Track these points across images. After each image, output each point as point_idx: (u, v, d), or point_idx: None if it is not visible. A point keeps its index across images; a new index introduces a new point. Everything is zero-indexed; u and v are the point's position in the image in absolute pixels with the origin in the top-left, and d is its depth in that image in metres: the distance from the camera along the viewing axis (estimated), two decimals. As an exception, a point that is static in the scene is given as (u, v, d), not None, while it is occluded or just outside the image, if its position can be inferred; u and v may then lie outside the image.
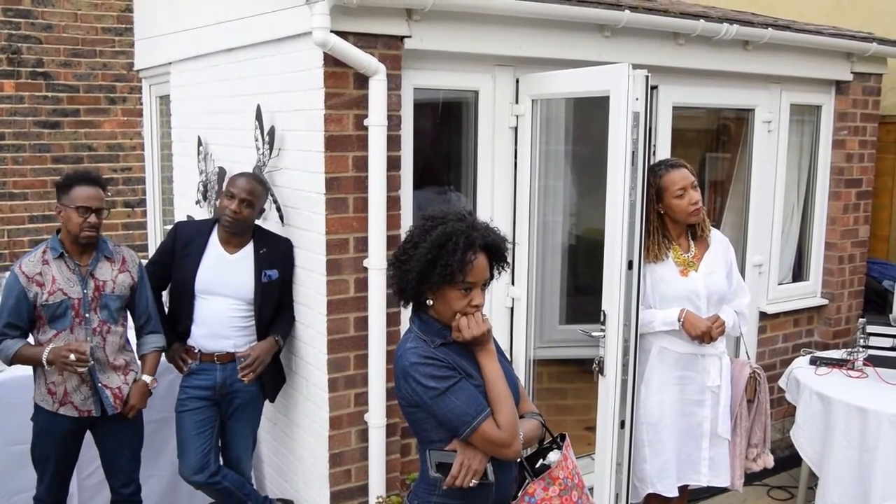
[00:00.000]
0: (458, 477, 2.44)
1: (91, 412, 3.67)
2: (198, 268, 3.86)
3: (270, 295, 3.91)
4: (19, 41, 6.10)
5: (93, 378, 3.63)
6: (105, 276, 3.68)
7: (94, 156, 6.38)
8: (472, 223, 2.49)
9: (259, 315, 3.90)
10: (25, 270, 3.57)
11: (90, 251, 3.67)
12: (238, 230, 3.85)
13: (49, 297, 3.55)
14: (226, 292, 3.86)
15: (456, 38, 3.94)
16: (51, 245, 3.64)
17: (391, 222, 3.81)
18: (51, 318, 3.58)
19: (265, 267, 3.88)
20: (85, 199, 3.57)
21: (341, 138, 3.70)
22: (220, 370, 3.89)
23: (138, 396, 3.76)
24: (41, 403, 3.67)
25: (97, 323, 3.64)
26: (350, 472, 3.96)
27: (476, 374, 2.50)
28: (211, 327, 3.87)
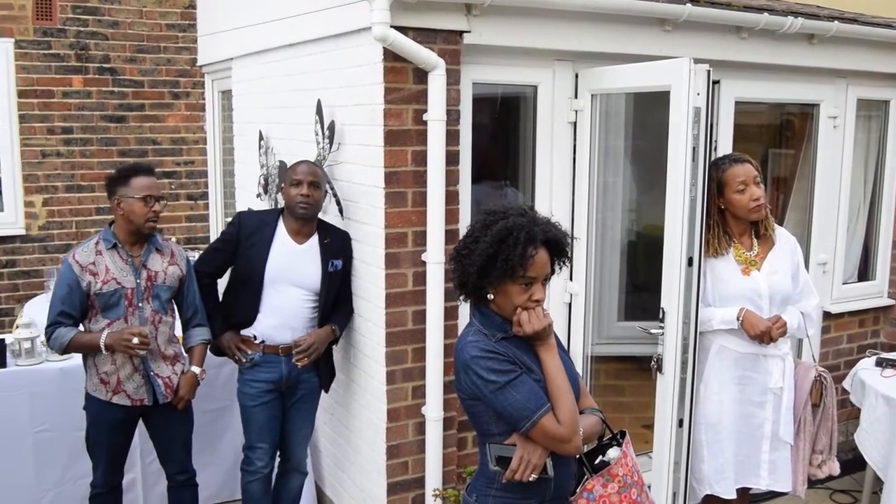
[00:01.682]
0: (518, 471, 2.44)
1: (143, 401, 3.73)
2: (267, 258, 3.87)
3: (334, 285, 3.95)
4: (87, 37, 6.24)
5: (145, 367, 3.70)
6: (157, 267, 3.74)
7: (158, 149, 6.51)
8: (533, 218, 2.48)
9: (323, 305, 3.93)
10: (79, 260, 3.63)
11: (142, 243, 3.73)
12: (312, 214, 3.88)
13: (103, 285, 3.61)
14: (296, 282, 3.89)
15: (515, 33, 3.93)
16: (103, 236, 3.71)
17: (449, 217, 3.82)
18: (104, 308, 3.65)
19: (331, 256, 3.92)
20: (147, 188, 3.64)
21: (400, 133, 3.72)
22: (284, 362, 3.92)
23: (188, 387, 3.82)
24: (94, 393, 3.74)
25: (149, 312, 3.71)
26: (407, 464, 3.99)
27: (536, 369, 2.50)
28: (282, 318, 3.89)
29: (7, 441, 4.23)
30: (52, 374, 4.28)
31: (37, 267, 6.18)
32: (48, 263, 6.14)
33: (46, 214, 6.24)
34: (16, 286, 6.19)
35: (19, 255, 6.20)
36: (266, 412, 3.97)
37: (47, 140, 6.19)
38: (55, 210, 6.26)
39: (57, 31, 6.14)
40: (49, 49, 6.13)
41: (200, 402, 3.99)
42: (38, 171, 6.19)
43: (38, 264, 6.18)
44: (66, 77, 6.20)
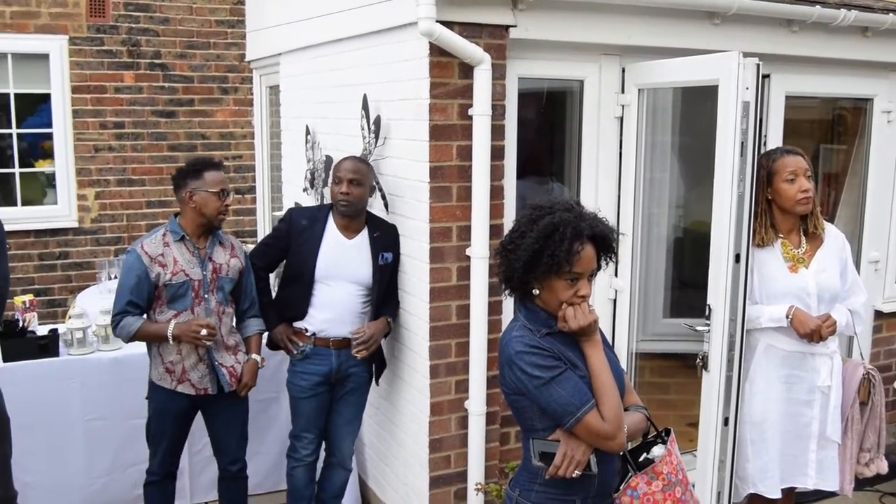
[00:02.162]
0: (561, 467, 2.44)
1: (207, 390, 3.79)
2: (317, 254, 3.91)
3: (385, 277, 3.98)
4: (139, 34, 6.36)
5: (210, 357, 3.77)
6: (221, 260, 3.80)
7: (207, 144, 6.61)
8: (579, 213, 2.47)
9: (375, 298, 3.96)
10: (148, 251, 3.69)
11: (207, 235, 3.80)
12: (354, 211, 3.90)
13: (172, 277, 3.68)
14: (348, 278, 3.92)
15: (561, 27, 3.91)
16: (170, 228, 3.77)
17: (494, 212, 3.82)
18: (171, 299, 3.71)
19: (381, 249, 3.94)
20: (220, 182, 3.73)
21: (446, 127, 3.73)
22: (335, 355, 3.95)
23: (251, 374, 3.88)
24: (159, 382, 3.80)
25: (214, 304, 3.77)
26: (449, 458, 4.00)
27: (581, 365, 2.49)
28: (334, 312, 3.93)
29: (59, 429, 4.33)
30: (103, 364, 4.37)
31: (89, 259, 6.32)
32: (100, 255, 6.28)
33: (98, 207, 6.38)
34: (68, 277, 6.34)
35: (72, 247, 6.34)
36: (314, 403, 4.02)
37: (100, 135, 6.33)
38: (107, 203, 6.40)
39: (110, 27, 6.27)
40: (102, 45, 6.26)
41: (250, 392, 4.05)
42: (90, 165, 6.33)
43: (90, 256, 6.32)
44: (118, 73, 6.33)
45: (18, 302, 4.68)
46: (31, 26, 6.07)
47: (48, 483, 4.34)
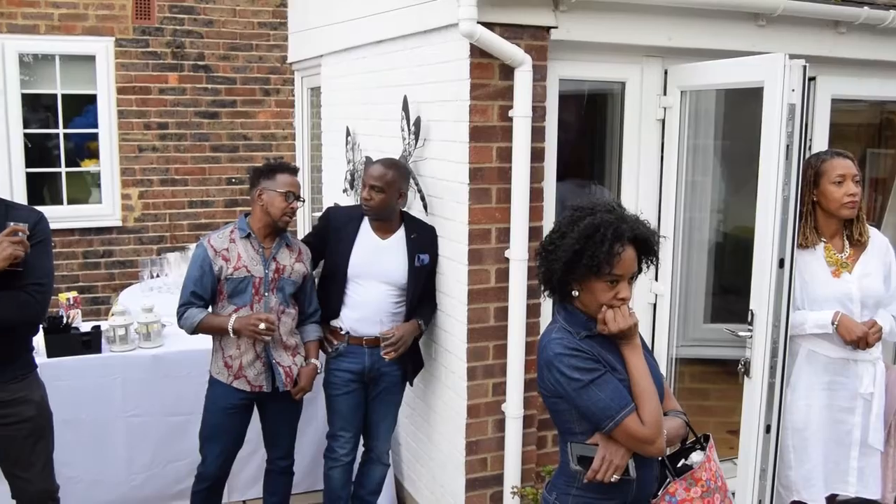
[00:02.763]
0: (600, 471, 2.42)
1: (262, 388, 3.83)
2: (350, 253, 3.94)
3: (421, 279, 3.98)
4: (183, 36, 6.44)
5: (268, 354, 3.80)
6: (285, 262, 3.84)
7: (249, 145, 6.67)
8: (621, 215, 2.45)
9: (409, 299, 3.96)
10: (214, 244, 3.77)
11: (274, 236, 3.84)
12: (374, 216, 3.92)
13: (234, 271, 3.74)
14: (379, 277, 3.93)
15: (603, 29, 3.89)
16: (238, 226, 3.84)
17: (534, 214, 3.81)
18: (231, 293, 3.77)
19: (417, 251, 3.95)
20: (290, 184, 3.78)
21: (486, 129, 3.72)
22: (368, 354, 3.97)
23: (308, 379, 3.91)
24: (217, 376, 3.86)
25: (274, 303, 3.81)
26: (486, 460, 3.99)
27: (621, 369, 2.47)
28: (365, 312, 3.94)
29: (100, 425, 4.39)
30: (144, 361, 4.43)
31: (132, 258, 6.41)
32: (142, 254, 6.36)
33: (142, 207, 6.47)
34: (112, 275, 6.43)
35: (115, 245, 6.44)
36: (349, 401, 4.03)
37: (144, 135, 6.41)
38: (150, 203, 6.48)
39: (155, 29, 6.35)
40: (147, 47, 6.35)
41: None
42: (134, 165, 6.42)
43: (133, 255, 6.41)
44: (162, 74, 6.41)
45: (63, 299, 4.76)
46: (79, 28, 6.17)
47: (89, 477, 4.40)
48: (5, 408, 3.34)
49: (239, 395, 3.84)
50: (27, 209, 3.48)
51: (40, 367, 3.59)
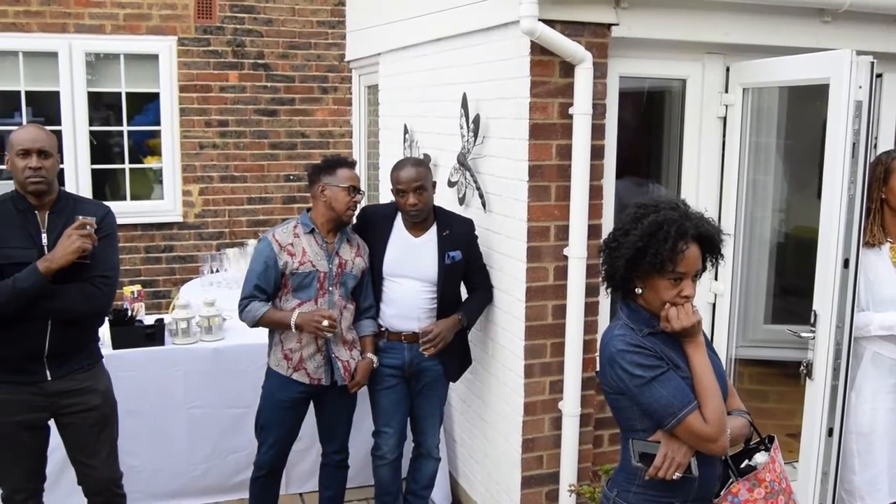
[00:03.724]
0: (661, 468, 2.41)
1: (321, 381, 3.87)
2: (384, 251, 3.98)
3: (453, 276, 3.99)
4: (243, 35, 6.53)
5: (328, 349, 3.85)
6: (347, 256, 3.89)
7: (307, 142, 6.75)
8: (685, 212, 2.44)
9: (441, 295, 3.97)
10: (279, 239, 3.81)
11: (335, 231, 3.88)
12: (423, 216, 3.94)
13: (299, 266, 3.78)
14: (412, 274, 3.96)
15: (664, 26, 3.85)
16: (301, 221, 3.88)
17: (593, 212, 3.79)
18: (296, 288, 3.81)
19: (448, 248, 3.95)
20: (351, 179, 3.82)
21: (545, 126, 3.72)
22: (407, 349, 3.99)
23: (364, 373, 3.94)
24: (276, 368, 3.90)
25: (337, 297, 3.85)
26: (542, 458, 3.99)
27: (684, 366, 2.45)
28: (401, 308, 3.97)
29: (162, 415, 4.49)
30: (206, 354, 4.51)
31: (192, 253, 6.53)
32: (202, 250, 6.48)
33: (202, 203, 6.58)
34: (173, 270, 6.56)
35: (177, 240, 6.56)
36: (390, 396, 4.06)
37: (204, 132, 6.52)
38: (210, 199, 6.60)
39: (216, 28, 6.46)
40: (208, 46, 6.46)
41: (343, 386, 4.11)
42: (195, 162, 6.53)
43: (194, 250, 6.53)
44: (223, 73, 6.52)
45: (127, 292, 4.87)
46: (143, 28, 6.30)
47: (151, 467, 4.50)
48: (72, 397, 3.43)
49: (297, 387, 3.88)
50: (95, 203, 3.56)
51: (105, 358, 3.69)
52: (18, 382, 3.35)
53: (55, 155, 3.36)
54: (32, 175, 3.25)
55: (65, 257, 3.20)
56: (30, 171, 3.25)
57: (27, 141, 3.26)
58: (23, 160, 3.26)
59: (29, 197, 3.33)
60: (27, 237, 3.29)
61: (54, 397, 3.39)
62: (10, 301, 3.17)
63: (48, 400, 3.39)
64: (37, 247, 3.29)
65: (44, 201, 3.35)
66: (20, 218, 3.31)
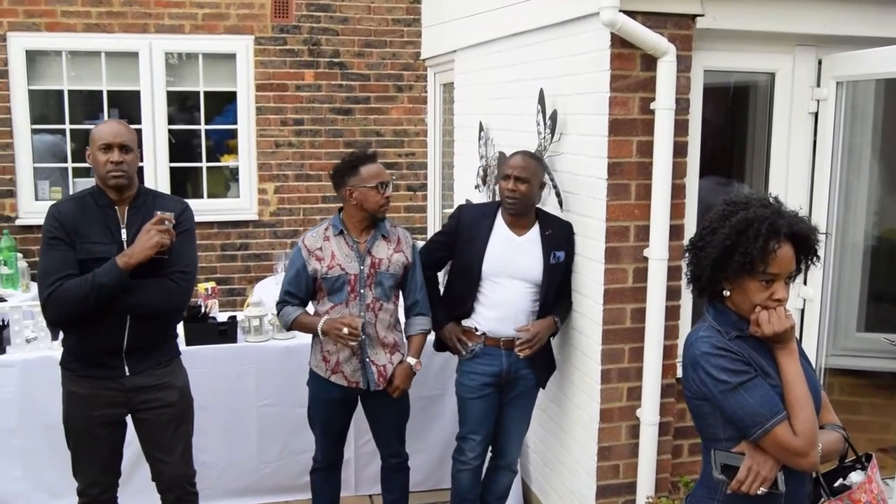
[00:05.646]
0: (745, 482, 2.26)
1: (358, 384, 3.80)
2: (485, 251, 3.84)
3: (556, 276, 3.86)
4: (319, 33, 6.54)
5: (362, 352, 3.76)
6: (381, 254, 3.79)
7: (382, 141, 6.71)
8: (777, 210, 2.29)
9: (544, 297, 3.85)
10: (308, 245, 3.77)
11: (369, 230, 3.80)
12: (520, 209, 3.80)
13: (328, 270, 3.71)
14: (516, 275, 3.82)
15: (753, 16, 3.68)
16: (332, 223, 3.82)
17: (675, 211, 3.64)
18: (329, 291, 3.75)
19: (553, 248, 3.82)
20: (377, 175, 3.72)
21: (626, 122, 3.58)
22: (505, 355, 3.86)
23: (403, 377, 3.83)
24: (315, 369, 3.86)
25: (371, 299, 3.76)
26: (618, 467, 3.85)
27: (773, 374, 2.30)
28: (503, 311, 3.83)
29: (234, 412, 4.50)
30: (278, 352, 4.50)
31: (267, 251, 6.56)
32: (277, 248, 6.51)
33: (277, 201, 6.61)
34: (248, 268, 6.61)
35: (252, 238, 6.61)
36: (483, 405, 3.94)
37: (280, 131, 6.55)
38: (285, 197, 6.62)
39: (292, 27, 6.48)
40: (285, 45, 6.48)
41: (415, 388, 4.03)
42: (271, 161, 6.57)
43: (269, 248, 6.56)
44: (299, 71, 6.53)
45: (201, 289, 4.90)
46: (221, 27, 6.36)
47: (222, 463, 4.52)
48: (149, 392, 3.43)
49: (337, 389, 3.82)
50: (173, 199, 3.57)
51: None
52: (98, 377, 3.36)
53: (136, 150, 3.37)
54: (114, 169, 3.27)
55: (143, 252, 3.21)
56: (111, 165, 3.26)
57: (109, 135, 3.28)
58: (104, 154, 3.27)
59: (109, 192, 3.34)
60: (107, 233, 3.31)
61: (132, 393, 3.40)
62: (89, 296, 3.18)
63: (126, 395, 3.40)
64: (116, 242, 3.30)
65: (124, 196, 3.36)
66: (100, 214, 3.33)
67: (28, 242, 6.13)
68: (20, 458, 4.31)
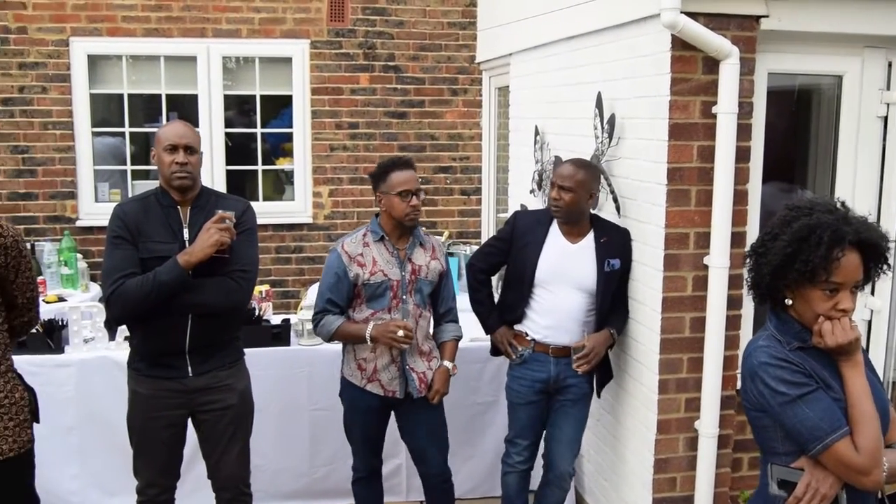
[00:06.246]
0: (803, 500, 2.18)
1: (395, 393, 3.74)
2: (538, 258, 3.79)
3: (611, 285, 3.78)
4: (374, 37, 6.54)
5: (402, 360, 3.72)
6: (420, 261, 3.76)
7: (436, 144, 6.68)
8: (843, 216, 2.20)
9: (599, 306, 3.78)
10: (348, 250, 3.71)
11: (407, 236, 3.76)
12: (564, 217, 3.75)
13: (370, 276, 3.66)
14: (570, 283, 3.77)
15: (819, 17, 3.56)
16: (371, 229, 3.77)
17: (737, 218, 3.55)
18: (369, 298, 3.70)
19: (608, 255, 3.75)
20: (402, 182, 3.65)
21: (686, 126, 3.50)
22: (553, 363, 3.80)
23: (442, 381, 3.78)
24: (349, 378, 3.81)
25: (412, 306, 3.71)
26: (675, 480, 3.75)
27: (837, 387, 2.21)
28: (557, 319, 3.78)
29: (287, 416, 4.50)
30: (330, 356, 4.46)
31: (321, 254, 6.57)
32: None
33: (331, 205, 6.62)
34: (301, 271, 6.63)
35: (306, 241, 6.63)
36: (530, 411, 3.89)
37: (335, 135, 6.56)
38: (339, 201, 6.63)
39: (348, 31, 6.49)
40: (340, 49, 6.49)
41: (468, 394, 3.99)
42: (325, 164, 6.58)
43: (323, 251, 6.57)
44: (354, 75, 6.54)
45: (256, 292, 4.90)
46: (277, 31, 6.39)
47: (275, 466, 4.53)
48: (210, 394, 3.45)
49: (373, 398, 3.76)
50: (234, 199, 3.57)
51: (238, 356, 3.68)
52: (162, 377, 3.39)
53: (200, 151, 3.41)
54: (179, 170, 3.30)
55: (203, 251, 3.22)
56: (176, 166, 3.29)
57: (174, 136, 3.31)
58: (169, 155, 3.30)
59: (173, 192, 3.37)
60: (170, 232, 3.34)
61: (194, 394, 3.42)
62: (150, 294, 3.20)
63: (188, 397, 3.42)
64: (178, 241, 3.33)
65: (187, 197, 3.39)
66: (163, 213, 3.36)
67: (88, 243, 6.24)
68: (77, 457, 4.38)
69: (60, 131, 6.24)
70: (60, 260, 5.74)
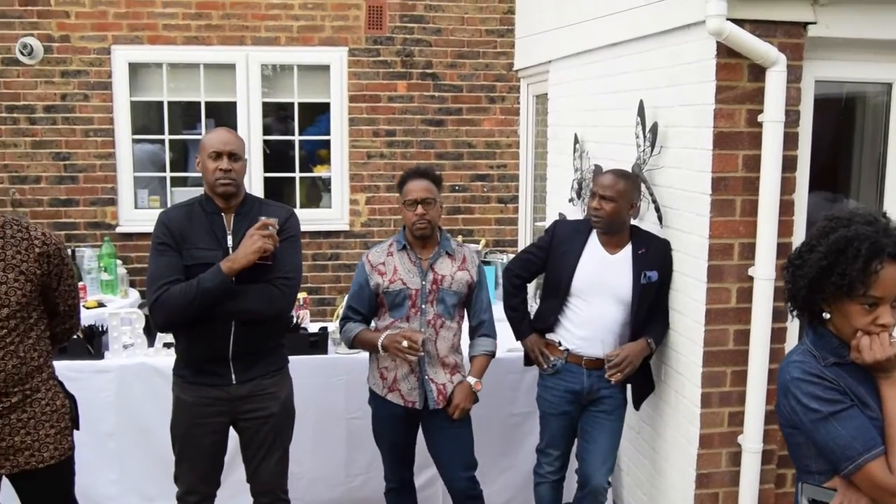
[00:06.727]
0: None
1: (415, 403, 3.72)
2: (576, 268, 3.76)
3: (647, 297, 3.73)
4: (412, 45, 6.53)
5: (421, 370, 3.70)
6: (444, 271, 3.73)
7: (473, 152, 6.66)
8: (884, 227, 2.13)
9: (635, 317, 3.73)
10: (371, 260, 3.76)
11: (432, 246, 3.76)
12: (604, 227, 3.71)
13: (390, 285, 3.68)
14: (607, 294, 3.73)
15: (868, 24, 3.48)
16: (397, 238, 3.80)
17: (783, 228, 3.47)
18: (391, 306, 3.71)
19: (645, 267, 3.70)
20: (412, 192, 3.67)
21: (731, 135, 3.43)
22: (585, 374, 3.77)
23: (462, 396, 3.73)
24: (373, 387, 3.83)
25: (432, 315, 3.70)
26: (717, 496, 3.68)
27: (874, 405, 2.15)
28: (592, 330, 3.74)
29: (324, 424, 4.49)
30: (366, 365, 4.44)
31: (357, 262, 6.54)
32: (367, 258, 6.50)
33: (368, 212, 6.62)
34: (338, 278, 6.63)
35: (342, 249, 6.63)
36: (562, 421, 3.87)
37: (372, 142, 6.56)
38: (376, 208, 6.63)
39: (386, 39, 6.49)
40: (378, 56, 6.49)
41: (505, 406, 3.96)
42: (362, 172, 6.58)
43: (359, 259, 6.53)
44: (391, 83, 6.53)
45: (293, 299, 4.90)
46: (315, 39, 6.41)
47: (312, 474, 4.52)
48: (253, 402, 3.45)
49: (395, 408, 3.75)
50: (278, 206, 3.59)
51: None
52: (206, 384, 3.40)
53: (244, 158, 3.42)
54: (223, 177, 3.31)
55: (246, 257, 3.22)
56: (220, 172, 3.31)
57: (218, 143, 3.33)
58: (214, 162, 3.32)
59: (217, 199, 3.39)
60: (214, 239, 3.35)
61: (237, 402, 3.42)
62: (194, 300, 3.21)
63: (230, 405, 3.42)
64: (222, 248, 3.34)
65: (231, 204, 3.40)
66: (207, 220, 3.37)
67: (127, 249, 6.29)
68: (116, 462, 4.40)
69: (101, 138, 6.30)
70: (100, 266, 5.79)
